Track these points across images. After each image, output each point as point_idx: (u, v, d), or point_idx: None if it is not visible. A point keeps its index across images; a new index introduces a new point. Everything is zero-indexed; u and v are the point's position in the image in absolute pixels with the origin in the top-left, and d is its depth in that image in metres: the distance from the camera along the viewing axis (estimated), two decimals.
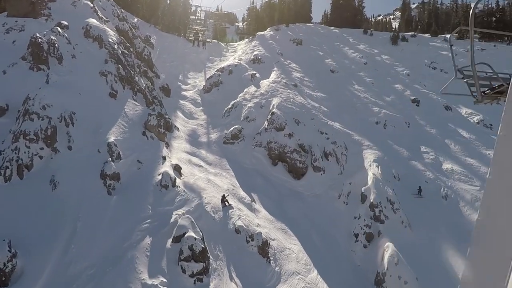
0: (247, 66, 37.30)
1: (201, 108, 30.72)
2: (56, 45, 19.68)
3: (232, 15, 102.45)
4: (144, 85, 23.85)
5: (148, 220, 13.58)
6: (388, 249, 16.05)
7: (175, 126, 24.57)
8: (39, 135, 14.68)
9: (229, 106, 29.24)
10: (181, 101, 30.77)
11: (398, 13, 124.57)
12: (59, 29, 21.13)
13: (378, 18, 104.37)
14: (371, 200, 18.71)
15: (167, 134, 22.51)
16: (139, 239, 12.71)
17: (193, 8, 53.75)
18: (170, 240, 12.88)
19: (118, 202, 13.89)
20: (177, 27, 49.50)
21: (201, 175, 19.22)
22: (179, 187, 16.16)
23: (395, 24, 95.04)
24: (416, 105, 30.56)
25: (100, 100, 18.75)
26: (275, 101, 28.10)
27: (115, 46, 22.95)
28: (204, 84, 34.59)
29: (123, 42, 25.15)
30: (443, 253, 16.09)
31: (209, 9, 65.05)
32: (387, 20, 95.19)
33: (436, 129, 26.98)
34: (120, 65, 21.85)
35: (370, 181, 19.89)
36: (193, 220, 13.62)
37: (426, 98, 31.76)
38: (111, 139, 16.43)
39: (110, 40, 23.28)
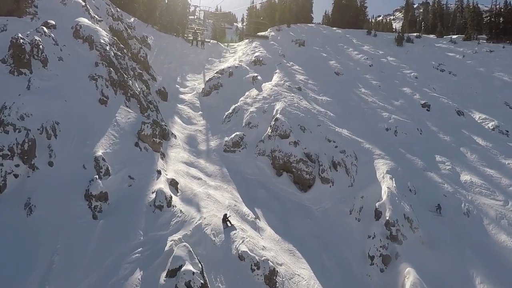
0: (248, 68, 35.41)
1: (200, 112, 28.79)
2: (41, 46, 17.69)
3: (231, 15, 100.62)
4: (138, 89, 21.89)
5: (139, 249, 11.65)
6: (409, 276, 14.21)
7: (172, 133, 22.64)
8: (14, 150, 12.72)
9: (230, 111, 27.34)
10: (179, 105, 28.82)
11: (398, 14, 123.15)
12: (44, 29, 19.14)
13: (378, 19, 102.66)
14: (387, 218, 16.84)
15: (163, 143, 20.57)
16: (128, 273, 10.79)
17: (192, 8, 52.00)
18: (164, 274, 10.97)
19: (105, 228, 11.96)
20: (175, 27, 47.50)
21: (200, 190, 17.30)
22: (175, 206, 14.22)
23: (396, 25, 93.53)
24: (427, 109, 28.73)
25: (88, 107, 16.79)
26: (278, 105, 26.22)
27: (107, 48, 20.97)
28: (203, 87, 32.65)
29: (117, 43, 23.18)
30: (472, 281, 14.27)
31: (208, 8, 63.08)
32: (388, 20, 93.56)
33: (450, 136, 25.14)
34: (112, 68, 19.88)
35: (384, 196, 18.03)
36: (191, 249, 11.72)
37: (436, 102, 29.93)
38: (99, 152, 14.48)
39: (102, 41, 21.31)
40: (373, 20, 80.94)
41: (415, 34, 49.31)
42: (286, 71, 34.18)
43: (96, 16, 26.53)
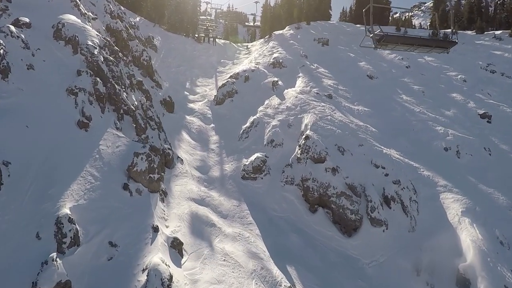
0: (266, 71, 30.14)
1: (212, 125, 23.72)
2: (1, 51, 12.88)
3: (242, 15, 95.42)
4: (135, 102, 16.93)
5: None
6: None
7: (178, 157, 17.66)
8: None
9: (248, 125, 22.19)
10: (188, 117, 23.83)
11: (416, 10, 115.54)
12: (11, 28, 14.31)
13: (395, 16, 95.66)
14: None
15: (166, 172, 15.63)
16: None
17: (203, 7, 47.56)
18: None
19: None
20: (185, 27, 42.57)
21: (214, 246, 12.26)
22: None
23: (415, 22, 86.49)
24: (488, 121, 22.95)
25: (60, 134, 11.89)
26: (307, 119, 20.92)
27: (95, 51, 16.05)
28: (215, 94, 27.61)
29: (109, 46, 18.26)
30: None
31: (221, 6, 58.24)
32: (407, 17, 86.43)
33: None
34: (99, 78, 14.97)
35: (470, 253, 12.61)
36: None
37: (497, 111, 24.09)
38: (66, 208, 9.54)
39: (90, 42, 16.41)
40: (390, 18, 74.49)
41: (448, 30, 42.99)
42: (311, 74, 28.77)
43: (89, 13, 21.65)
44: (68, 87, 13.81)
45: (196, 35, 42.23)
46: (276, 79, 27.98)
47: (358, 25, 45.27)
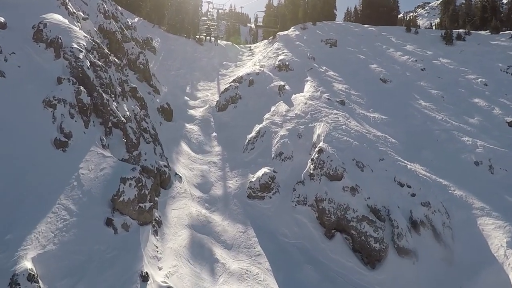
0: (271, 74, 27.91)
1: (214, 134, 21.52)
2: None
3: (244, 16, 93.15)
4: (127, 113, 14.70)
5: None
6: None
7: (176, 173, 15.46)
8: None
9: (253, 134, 19.96)
10: (187, 125, 21.63)
11: (420, 10, 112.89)
12: None
13: (399, 16, 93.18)
14: None
15: (162, 194, 13.43)
16: None
17: (205, 8, 45.73)
18: None
19: None
20: (186, 28, 40.37)
21: None
22: None
23: (420, 22, 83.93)
24: None
25: (30, 157, 9.69)
26: (320, 128, 18.66)
27: (81, 55, 13.82)
28: (217, 99, 25.41)
29: (99, 48, 16.02)
30: None
31: (223, 6, 56.07)
32: (411, 17, 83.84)
33: None
34: (83, 87, 12.76)
35: None
36: None
37: None
38: (27, 259, 7.32)
39: (75, 45, 14.18)
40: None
41: (461, 30, 40.55)
42: (320, 78, 26.49)
43: (79, 13, 19.43)
44: (46, 98, 11.61)
45: (197, 36, 40.01)
46: (282, 83, 25.74)
47: (365, 25, 42.93)
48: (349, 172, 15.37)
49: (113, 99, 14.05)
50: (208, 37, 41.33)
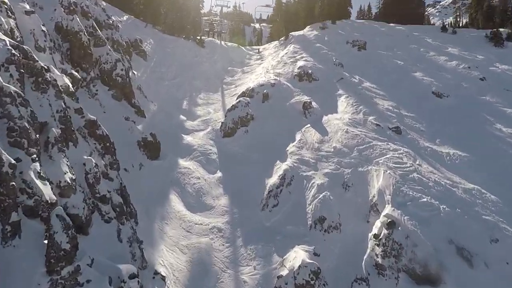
0: (290, 85, 21.25)
1: (218, 174, 14.82)
2: None
3: (248, 15, 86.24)
4: (66, 179, 7.99)
5: None
6: None
7: (156, 273, 8.84)
8: None
9: (275, 181, 13.31)
10: (181, 162, 14.95)
11: (430, 9, 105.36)
12: None
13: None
14: None
15: None
16: None
17: (207, 7, 39.94)
18: None
19: None
20: (185, 28, 33.51)
21: None
22: None
23: (433, 21, 76.78)
24: None
25: None
26: (380, 179, 11.96)
27: None
28: (222, 120, 18.67)
29: (19, 62, 9.20)
30: None
31: (227, 3, 49.29)
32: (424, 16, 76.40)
33: None
34: None
35: None
36: None
37: None
38: None
39: None
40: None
41: (505, 30, 33.63)
42: (356, 92, 19.79)
43: (23, 4, 12.65)
44: None
45: (198, 37, 33.16)
46: (307, 98, 19.10)
47: (391, 24, 36.04)
48: (450, 269, 8.71)
49: (36, 157, 7.35)
50: (211, 33, 37.89)
